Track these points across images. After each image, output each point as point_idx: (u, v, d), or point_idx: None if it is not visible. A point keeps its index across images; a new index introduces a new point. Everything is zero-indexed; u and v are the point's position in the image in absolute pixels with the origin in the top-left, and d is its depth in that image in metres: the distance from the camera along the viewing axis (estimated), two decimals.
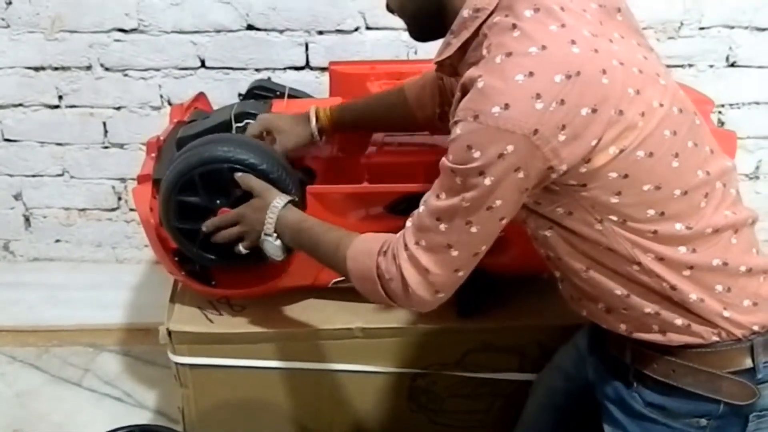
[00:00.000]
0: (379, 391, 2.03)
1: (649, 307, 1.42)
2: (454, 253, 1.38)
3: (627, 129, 1.28)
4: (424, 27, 1.49)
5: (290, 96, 2.19)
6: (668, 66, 2.56)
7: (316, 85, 2.56)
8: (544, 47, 1.26)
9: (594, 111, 1.25)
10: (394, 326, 1.95)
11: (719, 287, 1.40)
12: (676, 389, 1.44)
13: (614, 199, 1.33)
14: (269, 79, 2.53)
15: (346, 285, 1.96)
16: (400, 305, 1.47)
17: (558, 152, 1.26)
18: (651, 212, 1.35)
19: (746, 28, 2.58)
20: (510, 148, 1.24)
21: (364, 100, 1.93)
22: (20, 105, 2.67)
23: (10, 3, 2.52)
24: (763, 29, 2.58)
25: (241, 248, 1.72)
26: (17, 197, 2.82)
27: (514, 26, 1.29)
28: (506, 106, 1.23)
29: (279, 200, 1.66)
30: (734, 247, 1.41)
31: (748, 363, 1.41)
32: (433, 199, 1.37)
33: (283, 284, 1.94)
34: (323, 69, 2.52)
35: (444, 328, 1.95)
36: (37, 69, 2.62)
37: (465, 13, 1.36)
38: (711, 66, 2.63)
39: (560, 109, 1.24)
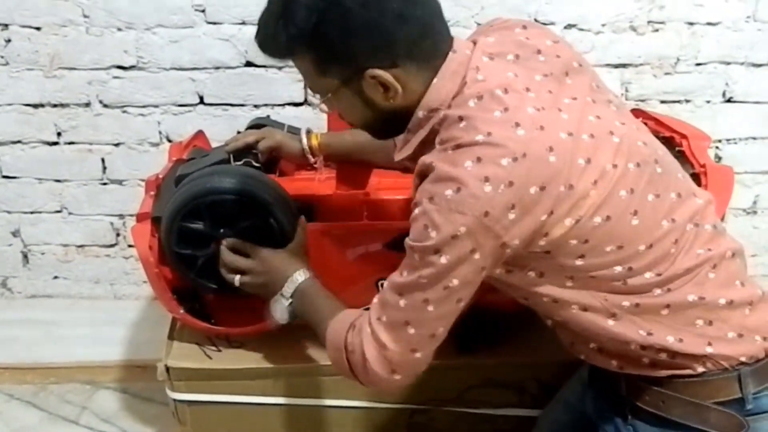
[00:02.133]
0: (377, 427, 2.02)
1: (634, 345, 1.44)
2: (411, 330, 1.41)
3: (580, 200, 1.32)
4: (381, 131, 1.54)
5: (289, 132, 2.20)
6: (665, 102, 2.59)
7: (315, 121, 2.55)
8: (489, 134, 1.30)
9: (542, 189, 1.29)
10: None
11: (699, 321, 1.42)
12: (668, 421, 1.45)
13: (579, 262, 1.38)
14: (268, 116, 2.53)
15: None
16: (360, 381, 1.50)
17: (508, 229, 1.30)
18: (618, 269, 1.39)
19: (742, 64, 2.59)
20: (462, 229, 1.29)
21: (352, 133, 1.91)
22: (19, 142, 2.67)
23: (9, 41, 2.53)
24: (760, 65, 2.59)
25: (236, 280, 1.72)
26: (15, 234, 2.82)
27: (461, 118, 1.35)
28: (458, 190, 1.28)
29: (305, 272, 1.66)
30: (711, 281, 1.42)
31: (736, 393, 1.42)
32: (396, 276, 1.41)
33: None
34: None
35: (443, 364, 1.93)
36: (35, 106, 2.63)
37: (420, 113, 1.41)
38: (708, 101, 2.64)
39: (509, 190, 1.28)
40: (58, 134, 2.66)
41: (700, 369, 1.43)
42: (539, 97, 1.37)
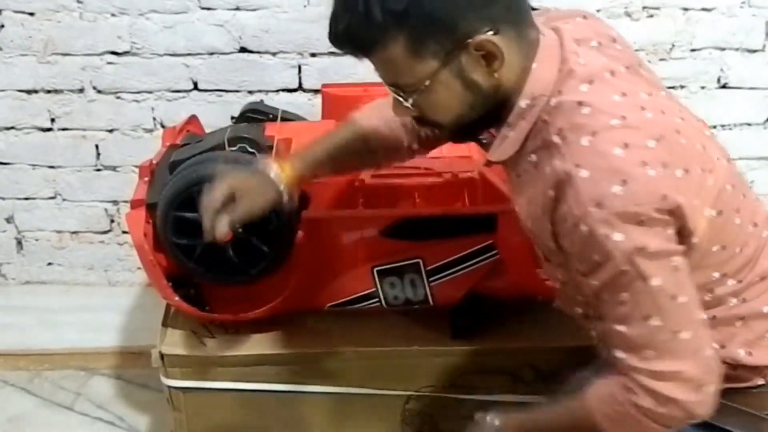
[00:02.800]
0: (372, 414, 2.02)
1: None
2: (684, 336, 1.25)
3: (702, 188, 1.26)
4: (472, 125, 1.36)
5: (283, 119, 2.20)
6: None
7: (309, 107, 2.56)
8: (623, 117, 1.23)
9: (686, 171, 1.23)
10: (387, 349, 1.95)
11: None
12: (719, 429, 1.41)
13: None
14: (262, 101, 2.52)
15: (340, 309, 1.97)
16: (678, 423, 1.30)
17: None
18: (715, 275, 1.33)
19: (737, 49, 2.59)
20: (647, 220, 1.19)
21: (321, 147, 1.70)
22: (12, 128, 2.66)
23: (2, 26, 2.52)
24: (754, 51, 2.59)
25: None
26: (9, 220, 2.81)
27: (580, 104, 1.25)
28: (624, 182, 1.18)
29: (494, 419, 1.50)
30: None
31: None
32: (621, 326, 1.26)
33: (278, 309, 1.94)
34: (316, 91, 2.53)
35: (438, 350, 1.95)
36: (29, 92, 2.61)
37: (522, 103, 1.29)
38: (702, 87, 2.63)
39: (664, 172, 1.20)
40: (52, 120, 2.65)
41: (760, 381, 1.39)
42: (639, 84, 1.32)
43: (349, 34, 1.24)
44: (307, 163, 1.68)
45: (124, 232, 2.77)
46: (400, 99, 1.29)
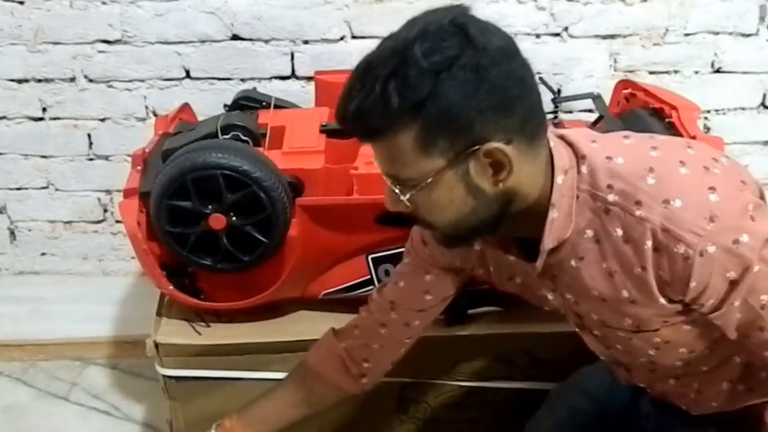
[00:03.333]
0: (367, 402, 2.02)
1: None
2: None
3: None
4: (469, 231, 1.27)
5: (276, 106, 2.19)
6: (654, 72, 2.58)
7: (302, 94, 2.55)
8: (654, 147, 1.24)
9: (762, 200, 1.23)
10: None
11: None
12: None
13: None
14: (255, 89, 2.52)
15: (335, 297, 1.97)
16: None
17: None
18: None
19: (731, 34, 2.58)
20: (752, 207, 1.19)
21: (266, 410, 1.69)
22: (3, 117, 2.65)
23: None
24: (748, 35, 2.58)
25: None
26: (1, 211, 2.80)
27: (609, 158, 1.23)
28: (713, 190, 1.17)
29: None
30: None
31: None
32: None
33: (273, 297, 1.93)
34: (309, 78, 2.52)
35: (432, 337, 1.94)
36: (20, 81, 2.60)
37: (559, 179, 1.23)
38: (696, 72, 2.63)
39: (727, 164, 1.23)
40: (44, 110, 2.64)
41: None
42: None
43: (361, 114, 1.16)
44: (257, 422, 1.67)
45: (118, 222, 2.76)
46: (397, 192, 1.23)
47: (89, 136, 2.68)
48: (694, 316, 1.25)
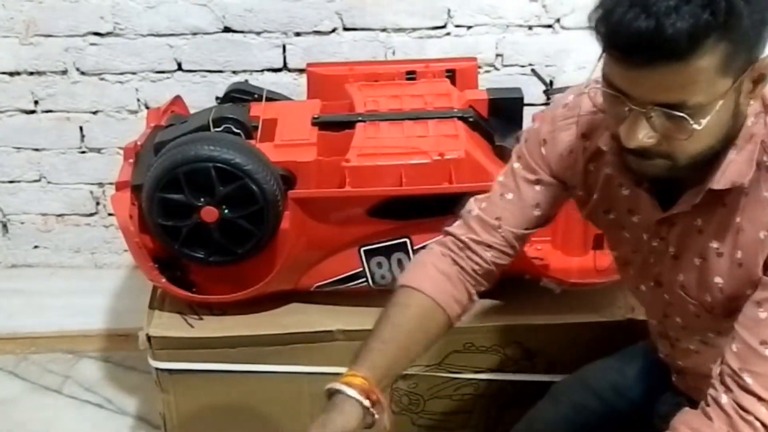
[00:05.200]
0: None
1: None
2: None
3: None
4: (707, 158, 1.21)
5: (268, 99, 2.19)
6: None
7: (294, 86, 2.55)
8: None
9: None
10: None
11: None
12: None
13: None
14: (247, 81, 2.51)
15: (327, 289, 1.97)
16: None
17: None
18: None
19: None
20: None
21: (391, 329, 1.47)
22: None
23: None
24: None
25: None
26: None
27: None
28: None
29: None
30: None
31: None
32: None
33: (265, 290, 1.93)
34: (301, 71, 2.51)
35: None
36: (11, 74, 2.59)
37: (749, 121, 1.21)
38: None
39: None
40: (35, 102, 2.63)
41: None
42: None
43: (665, 34, 1.05)
44: (386, 369, 1.43)
45: (110, 215, 2.76)
46: (682, 122, 1.12)
47: (81, 128, 2.67)
48: None
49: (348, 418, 1.32)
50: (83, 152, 2.71)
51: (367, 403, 1.33)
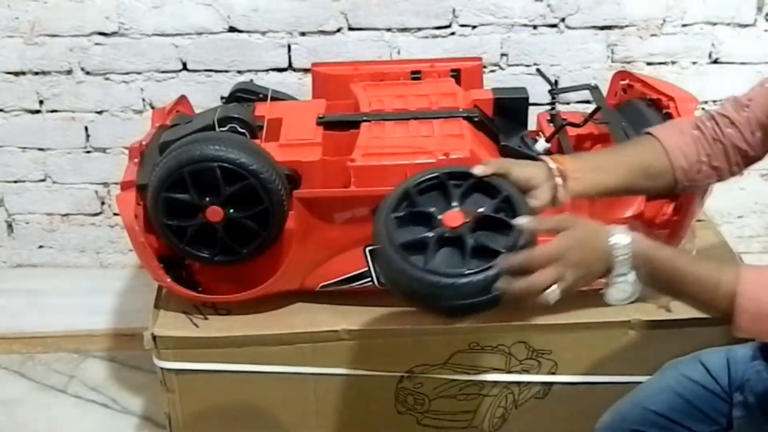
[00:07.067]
0: (365, 394, 2.02)
1: None
2: None
3: None
4: None
5: (273, 98, 2.19)
6: (651, 64, 2.58)
7: (299, 86, 2.55)
8: None
9: None
10: (380, 328, 1.95)
11: None
12: None
13: None
14: (252, 81, 2.52)
15: (332, 289, 1.96)
16: None
17: None
18: None
19: (728, 24, 2.58)
20: None
21: (619, 161, 1.60)
22: (1, 110, 2.65)
23: None
24: (746, 26, 2.58)
25: (550, 297, 1.31)
26: None
27: None
28: None
29: (622, 232, 1.35)
30: None
31: None
32: None
33: (270, 289, 1.93)
34: (306, 70, 2.51)
35: (430, 329, 1.95)
36: (17, 74, 2.60)
37: None
38: (694, 63, 2.63)
39: None
40: (41, 102, 2.64)
41: None
42: None
43: None
44: (596, 174, 1.56)
45: (115, 214, 2.76)
46: None
47: (86, 128, 2.67)
48: None
49: (530, 169, 1.50)
50: (88, 152, 2.71)
51: (558, 180, 1.50)
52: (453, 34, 2.53)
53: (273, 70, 2.59)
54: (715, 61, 2.63)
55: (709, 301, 1.34)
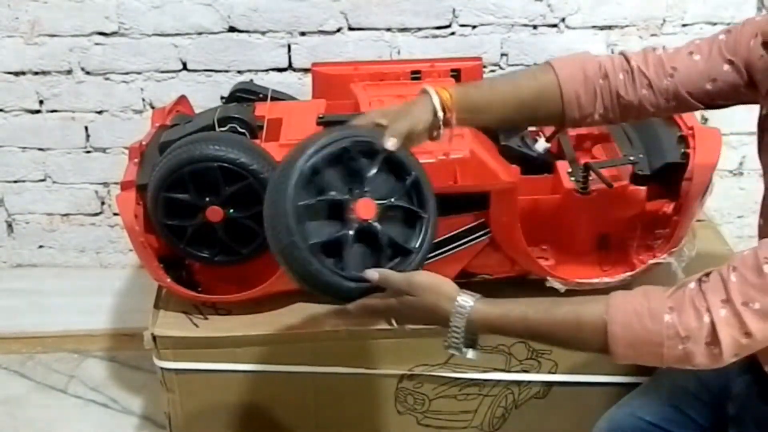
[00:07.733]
0: (365, 393, 2.02)
1: None
2: None
3: None
4: None
5: (273, 98, 2.19)
6: None
7: (299, 86, 2.55)
8: None
9: None
10: (379, 328, 1.95)
11: None
12: None
13: None
14: (252, 81, 2.51)
15: None
16: (696, 365, 1.26)
17: None
18: None
19: (728, 24, 2.57)
20: None
21: (505, 81, 1.63)
22: (0, 110, 2.64)
23: None
24: None
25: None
26: None
27: None
28: None
29: (464, 300, 1.39)
30: None
31: None
32: None
33: (270, 289, 1.93)
34: (306, 70, 2.51)
35: (430, 328, 1.94)
36: (17, 74, 2.60)
37: None
38: None
39: None
40: (41, 102, 2.63)
41: None
42: None
43: None
44: (474, 91, 1.58)
45: (115, 214, 2.76)
46: None
47: (86, 128, 2.67)
48: None
49: (420, 117, 1.49)
50: (88, 152, 2.71)
51: (440, 114, 1.50)
52: (453, 34, 2.53)
53: (273, 70, 2.59)
54: None
55: (576, 342, 1.33)
